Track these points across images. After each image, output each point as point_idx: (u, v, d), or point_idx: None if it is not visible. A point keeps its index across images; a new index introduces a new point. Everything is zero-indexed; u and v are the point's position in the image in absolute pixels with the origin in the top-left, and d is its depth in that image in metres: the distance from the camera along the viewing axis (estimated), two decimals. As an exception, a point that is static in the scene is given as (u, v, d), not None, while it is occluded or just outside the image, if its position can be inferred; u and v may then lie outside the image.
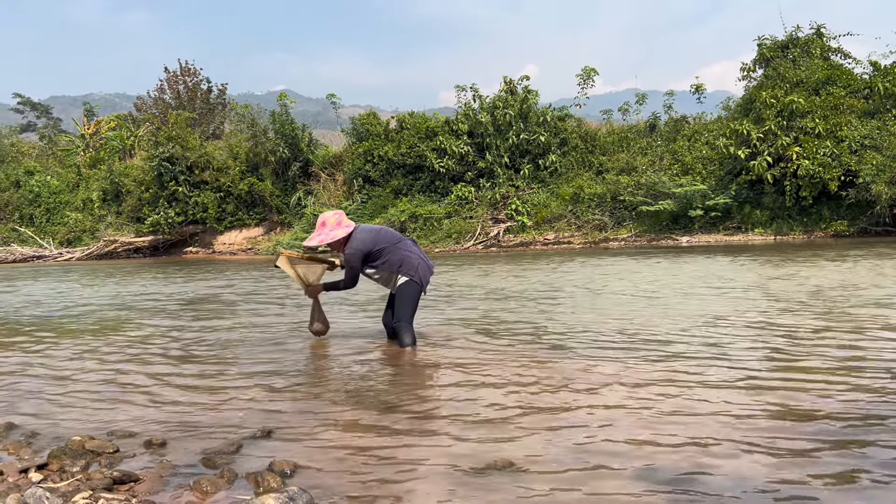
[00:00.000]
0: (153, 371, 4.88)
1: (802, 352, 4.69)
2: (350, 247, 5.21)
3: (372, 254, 5.24)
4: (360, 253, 5.19)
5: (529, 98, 22.34)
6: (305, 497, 2.32)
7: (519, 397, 3.79)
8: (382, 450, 3.05)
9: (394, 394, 4.02)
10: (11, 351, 5.91)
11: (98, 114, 38.15)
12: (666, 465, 2.73)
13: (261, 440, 3.24)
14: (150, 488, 2.69)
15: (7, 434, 3.48)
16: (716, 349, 4.84)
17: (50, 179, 29.09)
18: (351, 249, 5.20)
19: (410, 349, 5.21)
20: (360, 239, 5.24)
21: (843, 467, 2.65)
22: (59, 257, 24.76)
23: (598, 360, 4.65)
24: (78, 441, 3.18)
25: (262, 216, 25.09)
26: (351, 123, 24.65)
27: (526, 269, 12.28)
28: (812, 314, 6.17)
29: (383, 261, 5.25)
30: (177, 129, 25.10)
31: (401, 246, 5.34)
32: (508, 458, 2.85)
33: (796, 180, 17.45)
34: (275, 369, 4.79)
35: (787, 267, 10.45)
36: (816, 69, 19.47)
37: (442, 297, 8.47)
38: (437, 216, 21.18)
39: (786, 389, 3.75)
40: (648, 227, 19.33)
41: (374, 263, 5.29)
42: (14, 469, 2.92)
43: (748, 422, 3.22)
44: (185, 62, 33.81)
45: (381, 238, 5.30)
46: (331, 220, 5.30)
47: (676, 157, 20.84)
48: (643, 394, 3.75)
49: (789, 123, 18.03)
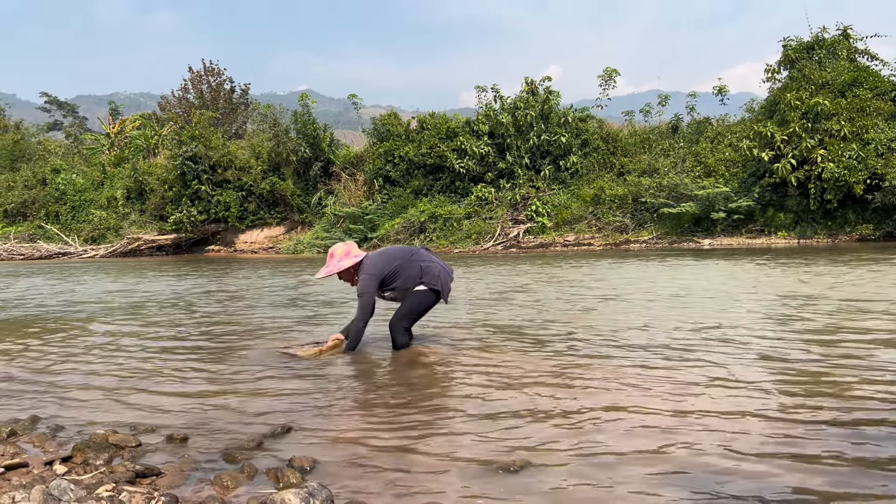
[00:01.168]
0: (176, 367, 4.94)
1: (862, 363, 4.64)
2: (363, 274, 5.06)
3: (388, 277, 5.10)
4: (375, 279, 5.04)
5: (551, 99, 22.28)
6: (325, 493, 2.34)
7: (538, 399, 3.79)
8: (400, 448, 3.06)
9: (411, 394, 4.04)
10: (37, 344, 6.01)
11: (123, 113, 38.74)
12: (688, 468, 2.72)
13: (280, 437, 3.27)
14: (172, 482, 2.72)
15: (32, 427, 3.54)
16: (754, 354, 4.80)
17: (75, 177, 29.53)
18: (364, 276, 5.04)
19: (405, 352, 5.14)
20: (373, 264, 5.10)
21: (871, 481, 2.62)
22: (83, 254, 25.12)
23: (623, 363, 4.63)
24: (101, 435, 3.23)
25: (284, 215, 25.27)
26: (372, 124, 24.75)
27: (549, 270, 12.25)
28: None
29: (403, 279, 5.12)
30: (200, 128, 25.37)
31: (416, 258, 5.21)
32: (526, 458, 2.85)
33: (821, 183, 17.23)
34: (294, 369, 4.82)
35: (828, 271, 10.32)
36: (842, 71, 19.20)
37: (462, 298, 8.48)
38: (456, 217, 21.18)
39: (826, 395, 3.71)
40: (670, 229, 19.19)
41: (392, 286, 5.15)
42: (39, 461, 2.97)
43: (776, 426, 3.19)
44: (208, 62, 34.21)
45: (394, 257, 5.18)
46: (339, 251, 5.19)
47: (699, 158, 20.67)
48: (668, 397, 3.73)
49: (814, 126, 17.81)
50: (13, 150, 33.32)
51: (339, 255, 5.16)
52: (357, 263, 5.15)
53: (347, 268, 5.13)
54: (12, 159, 32.93)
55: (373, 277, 5.04)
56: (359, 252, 5.21)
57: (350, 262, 5.11)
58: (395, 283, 5.14)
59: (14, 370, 5.02)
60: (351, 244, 5.29)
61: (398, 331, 5.18)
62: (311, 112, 25.00)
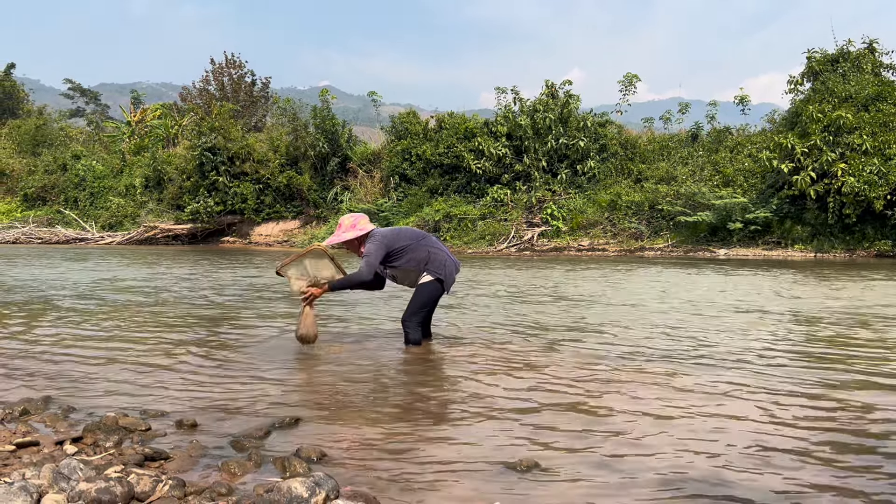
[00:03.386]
0: (187, 354, 4.97)
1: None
2: (370, 240, 5.06)
3: (392, 252, 5.06)
4: (382, 247, 5.02)
5: (571, 103, 22.23)
6: (331, 483, 2.35)
7: (548, 400, 3.78)
8: (407, 444, 3.06)
9: (420, 390, 4.04)
10: (53, 328, 6.07)
11: (144, 102, 39.02)
12: (697, 473, 2.70)
13: (289, 427, 3.28)
14: (180, 467, 2.74)
15: (45, 407, 3.58)
16: (766, 360, 4.76)
17: (95, 164, 29.82)
18: (371, 242, 5.04)
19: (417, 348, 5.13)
20: (380, 234, 5.11)
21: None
22: (100, 241, 25.34)
23: (637, 367, 4.61)
24: (112, 417, 3.25)
25: (299, 209, 25.37)
26: (390, 121, 24.80)
27: (565, 273, 12.22)
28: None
29: (407, 259, 5.08)
30: (220, 120, 25.51)
31: (425, 243, 5.17)
32: (534, 457, 2.84)
33: (840, 197, 17.07)
34: (306, 361, 4.84)
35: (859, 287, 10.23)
36: (867, 84, 19.02)
37: (478, 297, 8.48)
38: (471, 217, 21.18)
39: (846, 409, 3.68)
40: (686, 237, 19.09)
41: (395, 263, 5.10)
42: (50, 441, 3.00)
43: (790, 432, 3.17)
44: (230, 55, 34.33)
45: (403, 236, 5.15)
46: (346, 221, 5.19)
47: (717, 168, 20.55)
48: (678, 402, 3.71)
49: (836, 139, 17.65)
50: (35, 135, 33.72)
51: (347, 226, 5.16)
52: (364, 235, 5.13)
53: (353, 238, 5.11)
54: (34, 144, 33.32)
55: (380, 245, 5.02)
56: (366, 225, 5.18)
57: (356, 234, 5.10)
58: (399, 262, 5.10)
59: (30, 350, 5.07)
60: (359, 216, 5.25)
61: (411, 326, 5.17)
62: (331, 108, 25.10)
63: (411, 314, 5.17)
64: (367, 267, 4.95)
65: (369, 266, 4.95)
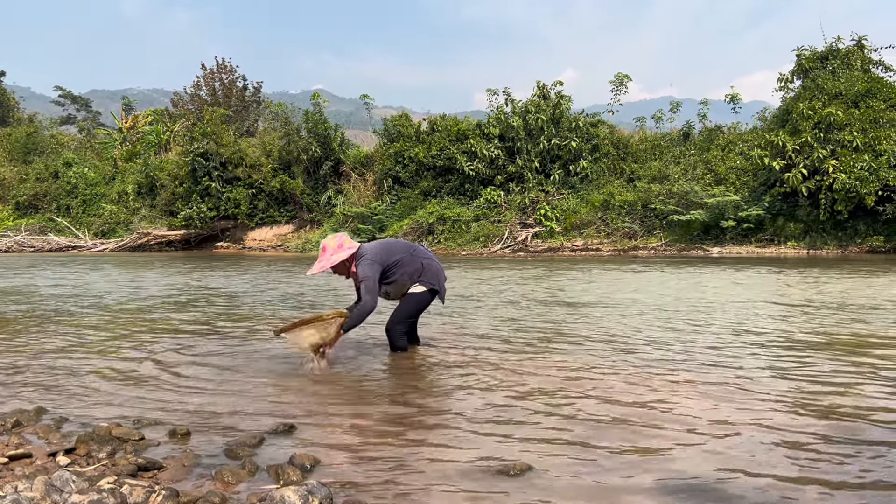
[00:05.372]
0: (180, 363, 4.96)
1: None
2: (363, 261, 4.81)
3: (387, 268, 4.89)
4: (376, 265, 4.80)
5: (562, 103, 22.27)
6: (324, 491, 2.35)
7: (541, 403, 3.78)
8: (401, 450, 3.07)
9: (413, 396, 4.04)
10: (45, 336, 6.05)
11: (136, 108, 38.95)
12: (689, 474, 2.71)
13: (282, 435, 3.28)
14: (174, 476, 2.74)
15: (38, 418, 3.57)
16: (768, 362, 4.78)
17: (87, 171, 29.73)
18: (365, 262, 4.80)
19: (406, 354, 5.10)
20: (373, 252, 4.88)
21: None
22: (93, 248, 25.25)
23: (629, 368, 4.62)
24: (105, 428, 3.25)
25: (293, 214, 25.35)
26: (383, 124, 24.80)
27: (562, 275, 12.24)
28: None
29: (402, 272, 4.94)
30: (212, 125, 25.48)
31: (416, 254, 5.05)
32: (527, 462, 2.85)
33: (832, 194, 17.13)
34: (298, 369, 4.83)
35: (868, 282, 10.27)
36: (856, 81, 19.11)
37: (468, 301, 8.48)
38: (465, 219, 21.18)
39: (851, 416, 3.69)
40: (679, 236, 19.13)
41: (391, 279, 4.95)
42: (43, 452, 2.99)
43: (780, 435, 3.18)
44: (221, 59, 34.31)
45: (394, 250, 4.98)
46: (331, 244, 4.88)
47: (709, 166, 20.60)
48: (670, 404, 3.72)
49: (826, 136, 17.73)
50: (27, 142, 33.59)
51: (333, 248, 4.86)
52: (352, 255, 4.88)
53: (342, 260, 4.85)
54: (26, 152, 33.19)
55: (374, 265, 4.80)
56: (352, 243, 4.93)
57: (344, 255, 4.82)
58: (394, 277, 4.95)
59: (21, 361, 5.05)
60: (342, 235, 4.98)
61: (396, 334, 5.11)
62: (323, 111, 25.08)
63: (397, 322, 5.09)
64: (371, 295, 4.75)
65: (372, 293, 4.75)
